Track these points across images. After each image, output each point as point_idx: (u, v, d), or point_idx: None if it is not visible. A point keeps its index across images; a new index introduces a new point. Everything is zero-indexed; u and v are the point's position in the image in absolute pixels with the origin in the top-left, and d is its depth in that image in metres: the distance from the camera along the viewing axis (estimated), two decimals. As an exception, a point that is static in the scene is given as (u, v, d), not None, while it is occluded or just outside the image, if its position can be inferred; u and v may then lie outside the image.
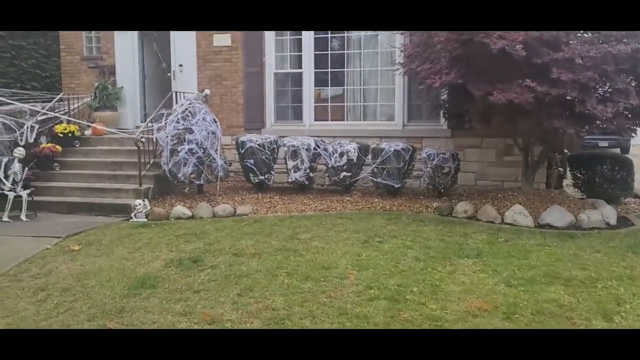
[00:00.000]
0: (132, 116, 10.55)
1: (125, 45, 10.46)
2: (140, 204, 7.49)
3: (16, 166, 7.77)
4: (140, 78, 10.68)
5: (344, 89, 9.80)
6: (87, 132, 9.75)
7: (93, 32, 10.73)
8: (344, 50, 9.69)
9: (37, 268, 5.30)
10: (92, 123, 9.88)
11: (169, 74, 10.40)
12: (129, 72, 10.52)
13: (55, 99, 9.69)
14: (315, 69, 9.72)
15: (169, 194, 8.56)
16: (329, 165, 8.37)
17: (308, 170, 8.38)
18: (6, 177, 7.68)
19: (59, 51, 12.51)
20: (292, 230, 6.43)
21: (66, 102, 9.97)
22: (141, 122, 10.64)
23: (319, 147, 8.39)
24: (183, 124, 7.99)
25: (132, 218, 7.42)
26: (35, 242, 6.23)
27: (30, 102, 9.70)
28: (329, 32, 9.60)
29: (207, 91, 9.31)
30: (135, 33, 10.44)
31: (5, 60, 12.00)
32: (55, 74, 13.00)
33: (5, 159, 7.83)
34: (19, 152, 7.90)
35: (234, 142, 8.88)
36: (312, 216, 7.26)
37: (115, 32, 10.43)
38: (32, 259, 5.62)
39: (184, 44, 10.14)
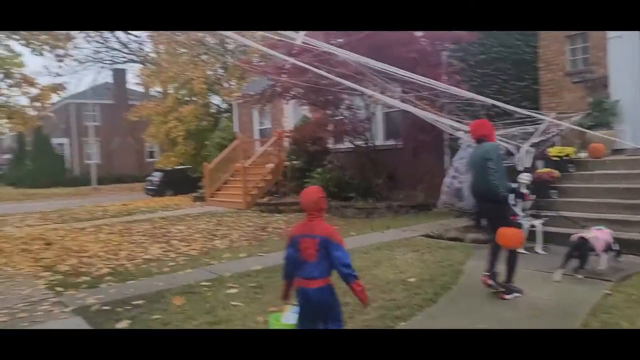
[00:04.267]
0: (632, 133, 8.78)
1: (622, 52, 8.84)
2: (697, 246, 5.66)
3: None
4: (640, 88, 8.84)
5: None
6: (582, 155, 8.57)
7: (579, 44, 9.57)
8: None
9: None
10: (583, 144, 8.66)
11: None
12: (626, 82, 8.82)
13: (547, 120, 8.89)
14: None
15: None
16: None
17: None
18: (514, 204, 7.16)
19: (518, 74, 12.12)
20: None
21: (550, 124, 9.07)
22: (644, 140, 8.80)
23: None
24: None
25: (683, 263, 5.66)
26: (584, 286, 5.23)
27: (514, 126, 9.29)
28: None
29: None
30: (636, 35, 8.70)
31: (473, 88, 12.35)
32: (514, 97, 12.69)
33: (513, 185, 7.34)
34: (526, 177, 7.28)
35: None
36: None
37: (609, 39, 8.96)
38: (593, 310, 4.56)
39: None
